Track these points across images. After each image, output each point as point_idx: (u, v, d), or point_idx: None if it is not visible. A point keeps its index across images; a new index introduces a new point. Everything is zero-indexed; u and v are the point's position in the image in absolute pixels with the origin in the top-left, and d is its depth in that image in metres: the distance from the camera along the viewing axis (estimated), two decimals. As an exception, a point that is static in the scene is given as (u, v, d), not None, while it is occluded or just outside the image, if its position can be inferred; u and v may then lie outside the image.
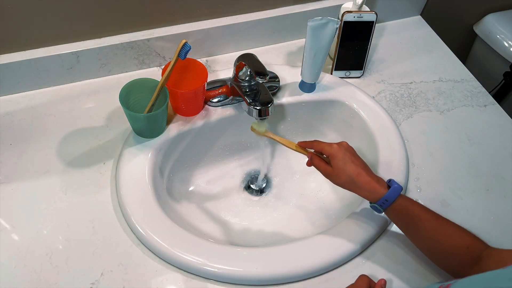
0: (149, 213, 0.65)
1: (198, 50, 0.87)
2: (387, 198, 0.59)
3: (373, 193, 0.60)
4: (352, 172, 0.61)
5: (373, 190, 0.60)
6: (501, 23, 1.14)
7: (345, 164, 0.61)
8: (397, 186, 0.60)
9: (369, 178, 0.61)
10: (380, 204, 0.60)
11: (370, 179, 0.60)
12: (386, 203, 0.60)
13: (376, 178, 0.61)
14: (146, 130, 0.73)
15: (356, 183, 0.61)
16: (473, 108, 0.87)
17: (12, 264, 0.61)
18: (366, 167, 0.63)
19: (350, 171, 0.61)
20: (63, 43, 0.78)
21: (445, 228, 0.58)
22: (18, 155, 0.72)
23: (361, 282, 0.57)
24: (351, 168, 0.61)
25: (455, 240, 0.56)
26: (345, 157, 0.62)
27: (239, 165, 0.88)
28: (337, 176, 0.62)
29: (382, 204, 0.60)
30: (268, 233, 0.78)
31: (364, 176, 0.61)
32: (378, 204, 0.60)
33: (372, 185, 0.60)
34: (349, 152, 0.63)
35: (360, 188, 0.61)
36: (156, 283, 0.61)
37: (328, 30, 0.72)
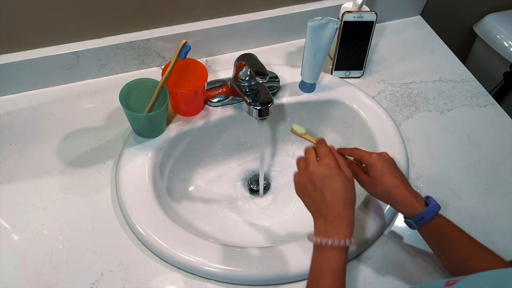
0: (149, 213, 0.65)
1: (198, 50, 0.87)
2: (424, 216, 0.57)
3: (410, 208, 0.58)
4: (389, 184, 0.58)
5: (410, 205, 0.57)
6: (501, 23, 1.14)
7: (383, 175, 0.59)
8: (435, 204, 0.57)
9: (407, 192, 0.58)
10: (415, 220, 0.57)
11: (408, 194, 0.58)
12: (422, 220, 0.57)
13: (414, 193, 0.59)
14: (146, 130, 0.73)
15: (393, 196, 0.58)
16: (473, 108, 0.87)
17: (12, 264, 0.61)
18: (404, 180, 0.60)
19: (388, 183, 0.58)
20: (63, 43, 0.78)
21: (478, 252, 0.55)
22: (18, 155, 0.72)
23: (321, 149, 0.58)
24: (389, 180, 0.58)
25: (487, 266, 0.54)
26: (384, 168, 0.59)
27: (239, 165, 0.88)
28: (374, 186, 0.60)
29: (417, 221, 0.57)
30: (268, 233, 0.78)
31: (402, 189, 0.58)
32: (414, 221, 0.58)
33: (410, 201, 0.58)
34: (389, 163, 0.60)
35: (397, 202, 0.58)
36: (156, 283, 0.61)
37: (328, 30, 0.72)
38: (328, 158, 0.57)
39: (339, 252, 0.51)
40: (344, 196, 0.54)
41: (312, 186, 0.56)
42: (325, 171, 0.55)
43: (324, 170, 0.55)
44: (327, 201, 0.54)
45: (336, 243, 0.51)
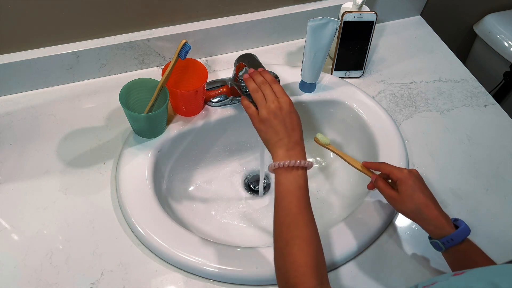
0: (149, 213, 0.65)
1: (198, 50, 0.87)
2: (454, 238, 0.56)
3: (439, 229, 0.57)
4: (420, 202, 0.58)
5: (440, 226, 0.57)
6: (501, 23, 1.14)
7: (414, 192, 0.59)
8: (465, 227, 0.57)
9: (437, 212, 0.58)
10: (444, 242, 0.57)
11: (438, 214, 0.58)
12: (451, 242, 0.56)
13: (444, 213, 0.58)
14: (146, 130, 0.73)
15: (423, 215, 0.58)
16: (473, 108, 0.87)
17: (12, 264, 0.61)
18: (434, 199, 0.60)
19: (418, 201, 0.58)
20: (63, 43, 0.78)
21: None
22: (18, 155, 0.72)
23: None
24: (420, 198, 0.58)
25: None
26: (415, 185, 0.59)
27: (239, 165, 0.88)
28: (403, 203, 0.59)
29: (446, 242, 0.57)
30: (268, 233, 0.78)
31: (432, 209, 0.58)
32: (442, 242, 0.57)
33: (440, 221, 0.57)
34: (419, 180, 0.61)
35: (426, 220, 0.58)
36: (156, 283, 0.61)
37: (328, 30, 0.72)
38: (287, 96, 0.60)
39: (303, 172, 0.55)
40: (300, 129, 0.59)
41: (276, 119, 0.58)
42: (288, 107, 0.59)
43: (287, 106, 0.59)
44: (289, 132, 0.57)
45: (302, 163, 0.55)
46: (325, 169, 0.86)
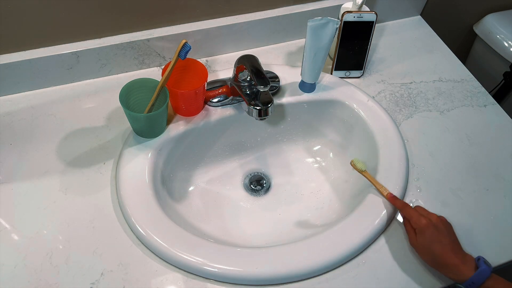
0: (149, 213, 0.65)
1: (198, 50, 0.87)
2: (474, 281, 0.56)
3: (458, 275, 0.58)
4: (436, 253, 0.59)
5: (458, 272, 0.58)
6: (501, 23, 1.14)
7: (431, 244, 0.60)
8: (485, 268, 0.57)
9: (455, 259, 0.58)
10: (466, 286, 0.57)
11: (456, 260, 0.58)
12: (473, 285, 0.57)
13: (463, 257, 0.59)
14: (146, 130, 0.73)
15: (440, 264, 0.59)
16: (473, 108, 0.87)
17: (12, 264, 0.61)
18: (454, 246, 0.60)
19: (435, 252, 0.59)
20: (63, 43, 0.78)
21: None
22: (18, 155, 0.72)
23: None
24: (437, 249, 0.59)
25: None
26: (433, 236, 0.60)
27: (239, 165, 0.88)
28: (421, 252, 0.62)
29: (468, 286, 0.57)
30: (268, 233, 0.78)
31: (449, 257, 0.59)
32: (465, 286, 0.58)
33: (458, 268, 0.58)
34: (438, 229, 0.61)
35: (444, 268, 0.59)
36: (156, 283, 0.61)
37: (328, 30, 0.72)
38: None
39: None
40: None
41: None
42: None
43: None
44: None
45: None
46: (325, 169, 0.86)
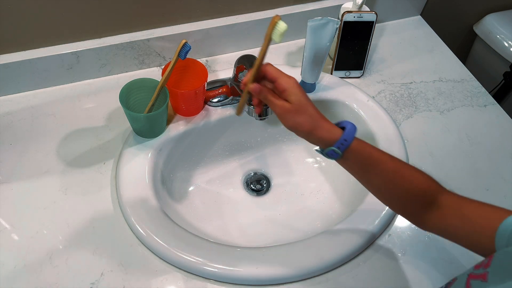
0: (149, 213, 0.65)
1: (198, 50, 0.87)
2: (346, 138, 0.52)
3: (331, 133, 0.53)
4: (313, 112, 0.53)
5: (331, 130, 0.53)
6: (501, 23, 1.14)
7: (307, 102, 0.53)
8: (351, 125, 0.54)
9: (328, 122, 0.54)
10: (338, 146, 0.52)
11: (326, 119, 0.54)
12: (345, 143, 0.52)
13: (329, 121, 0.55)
14: (146, 130, 0.73)
15: (317, 123, 0.53)
16: (473, 108, 0.87)
17: (12, 264, 0.61)
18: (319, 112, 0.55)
19: (311, 111, 0.53)
20: (63, 43, 0.78)
21: (403, 171, 0.54)
22: (18, 155, 0.72)
23: None
24: (312, 108, 0.53)
25: (412, 184, 0.53)
26: (304, 94, 0.54)
27: (239, 165, 0.88)
28: (297, 113, 0.53)
29: (340, 145, 0.52)
30: (268, 233, 0.78)
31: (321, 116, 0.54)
32: (337, 146, 0.52)
33: (329, 125, 0.53)
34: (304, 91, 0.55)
35: (321, 128, 0.53)
36: (156, 283, 0.61)
37: (328, 30, 0.72)
38: None
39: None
40: None
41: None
42: None
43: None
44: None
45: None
46: (325, 169, 0.86)
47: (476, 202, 0.51)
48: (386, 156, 0.54)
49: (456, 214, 0.50)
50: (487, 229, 0.46)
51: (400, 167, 0.54)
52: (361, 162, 0.54)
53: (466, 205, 0.51)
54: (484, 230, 0.46)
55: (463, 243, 0.50)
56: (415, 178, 0.54)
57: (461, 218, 0.50)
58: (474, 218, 0.49)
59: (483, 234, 0.46)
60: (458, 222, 0.50)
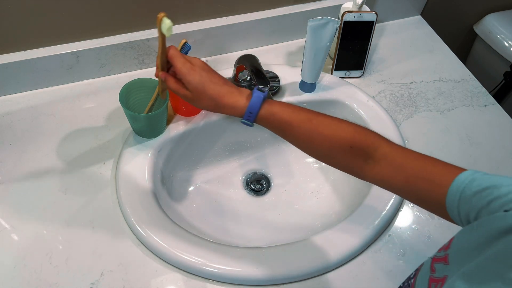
0: (149, 213, 0.65)
1: (198, 50, 0.87)
2: (251, 110, 0.53)
3: (236, 108, 0.54)
4: (213, 93, 0.54)
5: (235, 104, 0.54)
6: (501, 23, 1.14)
7: (204, 86, 0.54)
8: (258, 93, 0.54)
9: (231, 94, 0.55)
10: (246, 118, 0.54)
11: (232, 95, 0.55)
12: (251, 115, 0.54)
13: (239, 90, 0.56)
14: (146, 130, 0.73)
15: (219, 104, 0.55)
16: (473, 108, 0.87)
17: (12, 264, 0.61)
18: (226, 82, 0.56)
19: (211, 93, 0.54)
20: (63, 43, 0.78)
21: (320, 130, 0.53)
22: (18, 155, 0.72)
23: None
24: (211, 89, 0.54)
25: (333, 141, 0.52)
26: (202, 79, 0.54)
27: (239, 165, 0.88)
28: (198, 99, 0.55)
29: (248, 117, 0.54)
30: (268, 233, 0.78)
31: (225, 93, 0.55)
32: (245, 119, 0.54)
33: (234, 99, 0.54)
34: (205, 71, 0.56)
35: (224, 107, 0.55)
36: (156, 283, 0.61)
37: (328, 30, 0.72)
38: None
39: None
40: None
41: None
42: None
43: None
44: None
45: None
46: (325, 169, 0.86)
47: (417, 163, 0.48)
48: (301, 117, 0.54)
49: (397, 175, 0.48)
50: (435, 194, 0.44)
51: (317, 126, 0.53)
52: (274, 127, 0.55)
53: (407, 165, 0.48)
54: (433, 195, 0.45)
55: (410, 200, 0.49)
56: (336, 136, 0.52)
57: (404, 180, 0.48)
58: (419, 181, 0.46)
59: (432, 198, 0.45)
60: (400, 183, 0.48)
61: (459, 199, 0.42)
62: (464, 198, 0.42)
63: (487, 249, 0.37)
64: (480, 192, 0.40)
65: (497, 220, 0.37)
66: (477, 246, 0.38)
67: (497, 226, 0.37)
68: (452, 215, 0.44)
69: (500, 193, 0.38)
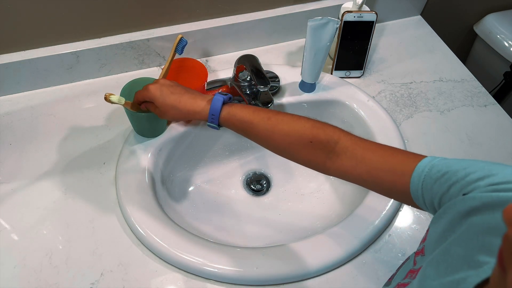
0: (149, 213, 0.65)
1: (198, 50, 0.87)
2: (212, 112, 0.57)
3: (200, 112, 0.58)
4: (173, 102, 0.59)
5: (197, 109, 0.58)
6: (501, 23, 1.14)
7: (165, 99, 0.60)
8: (218, 96, 0.57)
9: (192, 100, 0.59)
10: (210, 121, 0.57)
11: (194, 101, 0.59)
12: (214, 117, 0.57)
13: (202, 96, 0.60)
14: (146, 129, 0.73)
15: (182, 110, 0.59)
16: (473, 108, 0.87)
17: (12, 264, 0.61)
18: (188, 91, 0.61)
19: (172, 103, 0.59)
20: (63, 43, 0.78)
21: (279, 126, 0.55)
22: (18, 155, 0.72)
23: None
24: (172, 99, 0.59)
25: (293, 137, 0.54)
26: (163, 93, 0.60)
27: (239, 165, 0.88)
28: (165, 113, 0.61)
29: (212, 119, 0.57)
30: (268, 233, 0.78)
31: (186, 100, 0.59)
32: (209, 122, 0.58)
33: (196, 104, 0.58)
34: (166, 86, 0.61)
35: (188, 113, 0.59)
36: (156, 283, 0.61)
37: (328, 30, 0.72)
38: None
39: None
40: None
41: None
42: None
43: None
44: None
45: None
46: (325, 169, 0.86)
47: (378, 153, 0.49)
48: (261, 116, 0.56)
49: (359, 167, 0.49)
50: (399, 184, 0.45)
51: (277, 123, 0.55)
52: (237, 128, 0.58)
53: (368, 157, 0.49)
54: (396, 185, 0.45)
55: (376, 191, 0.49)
56: (294, 132, 0.54)
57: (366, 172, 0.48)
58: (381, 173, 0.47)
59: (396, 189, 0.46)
60: (364, 175, 0.49)
61: (422, 188, 0.43)
62: (426, 186, 0.42)
63: (451, 234, 0.38)
64: (439, 178, 0.41)
65: (457, 204, 0.38)
66: (443, 233, 0.39)
67: (458, 210, 0.37)
68: (419, 203, 0.44)
69: (457, 178, 0.39)
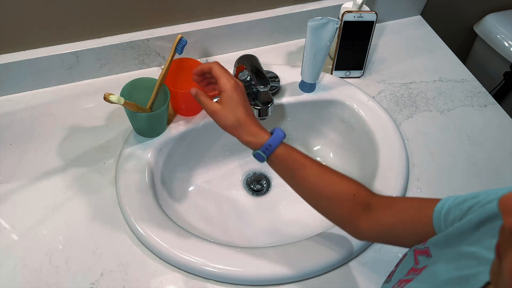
0: (149, 213, 0.65)
1: (198, 50, 0.87)
2: (271, 143, 0.57)
3: (257, 138, 0.57)
4: (241, 116, 0.57)
5: (258, 135, 0.57)
6: (501, 23, 1.14)
7: (237, 106, 0.58)
8: (280, 132, 0.58)
9: (256, 123, 0.59)
10: (263, 150, 0.57)
11: (257, 125, 0.59)
12: (270, 148, 0.57)
13: (261, 125, 0.60)
14: (147, 129, 0.73)
15: (243, 127, 0.58)
16: (473, 108, 0.87)
17: (12, 264, 0.61)
18: (253, 113, 0.61)
19: (240, 115, 0.57)
20: (63, 43, 0.78)
21: (329, 175, 0.56)
22: (18, 155, 0.72)
23: None
24: (241, 112, 0.58)
25: (340, 187, 0.55)
26: (239, 99, 0.58)
27: (239, 165, 0.88)
28: (224, 116, 0.58)
29: (265, 150, 0.57)
30: (268, 233, 0.78)
31: (251, 121, 0.58)
32: (262, 151, 0.57)
33: (257, 130, 0.58)
34: (243, 94, 0.60)
35: (246, 132, 0.58)
36: (156, 283, 0.61)
37: (328, 30, 0.72)
38: None
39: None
40: None
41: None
42: None
43: None
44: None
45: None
46: (325, 169, 0.86)
47: (406, 198, 0.54)
48: (312, 161, 0.57)
49: (390, 212, 0.51)
50: (423, 217, 0.47)
51: (327, 171, 0.57)
52: (287, 166, 0.58)
53: (398, 201, 0.53)
54: (421, 219, 0.48)
55: (402, 239, 0.51)
56: (343, 182, 0.56)
57: (396, 214, 0.51)
58: (408, 211, 0.50)
59: (421, 222, 0.48)
60: (394, 219, 0.51)
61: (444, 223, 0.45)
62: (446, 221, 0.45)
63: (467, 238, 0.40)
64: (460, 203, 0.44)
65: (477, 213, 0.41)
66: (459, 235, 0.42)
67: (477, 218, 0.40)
68: None
69: (478, 200, 0.42)
